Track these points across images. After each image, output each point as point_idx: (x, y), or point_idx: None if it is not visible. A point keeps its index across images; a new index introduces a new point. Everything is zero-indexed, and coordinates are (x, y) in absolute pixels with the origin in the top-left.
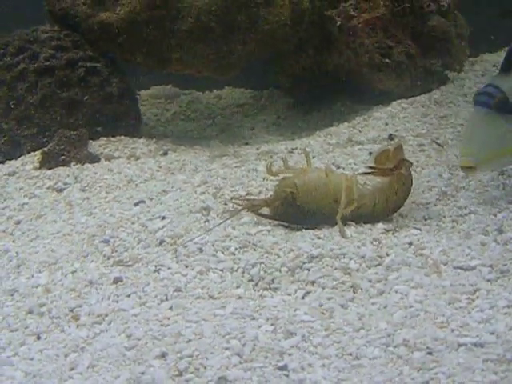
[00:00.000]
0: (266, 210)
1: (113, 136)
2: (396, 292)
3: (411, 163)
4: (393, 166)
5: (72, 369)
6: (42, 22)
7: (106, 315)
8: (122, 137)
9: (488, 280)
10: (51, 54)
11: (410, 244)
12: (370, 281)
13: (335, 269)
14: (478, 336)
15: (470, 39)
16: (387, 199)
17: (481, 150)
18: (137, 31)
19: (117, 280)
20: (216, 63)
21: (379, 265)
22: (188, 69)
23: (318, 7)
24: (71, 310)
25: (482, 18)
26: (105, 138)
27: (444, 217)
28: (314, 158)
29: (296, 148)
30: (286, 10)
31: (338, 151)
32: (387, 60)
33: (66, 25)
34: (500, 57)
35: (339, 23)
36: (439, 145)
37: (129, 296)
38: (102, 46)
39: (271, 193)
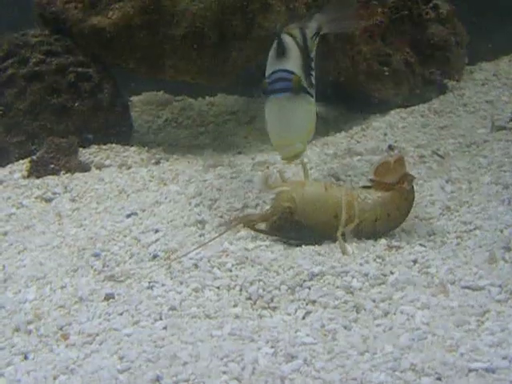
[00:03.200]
0: (263, 225)
1: (104, 144)
2: (402, 313)
3: (414, 177)
4: (395, 181)
5: None
6: (32, 25)
7: (97, 335)
8: (114, 145)
9: (498, 301)
10: (41, 59)
11: (415, 262)
12: (374, 300)
13: (337, 287)
14: (489, 361)
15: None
16: (389, 214)
17: (299, 135)
18: (129, 36)
19: (108, 297)
20: (211, 70)
21: (383, 283)
22: (182, 76)
23: (314, 13)
24: (60, 329)
25: (479, 26)
26: (95, 146)
27: (448, 232)
28: (311, 169)
29: None
30: (283, 16)
31: (336, 162)
32: (385, 68)
33: (56, 29)
34: (498, 65)
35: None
36: (440, 156)
37: (121, 314)
38: (93, 51)
39: (268, 207)
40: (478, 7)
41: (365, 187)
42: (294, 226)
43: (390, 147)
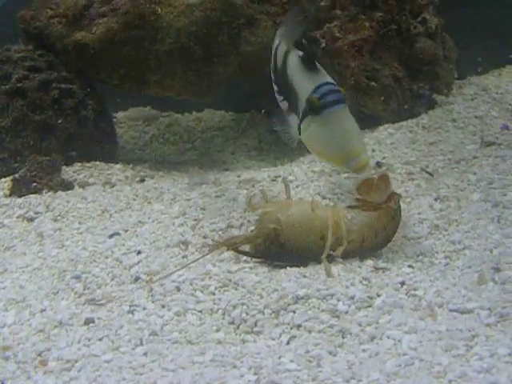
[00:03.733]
0: (247, 247)
1: (88, 161)
2: (388, 337)
3: (400, 196)
4: (382, 200)
5: None
6: (16, 40)
7: (76, 361)
8: (98, 162)
9: (487, 324)
10: (24, 74)
11: (402, 283)
12: (360, 324)
13: (322, 311)
14: None
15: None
16: (376, 234)
17: (363, 143)
18: (114, 52)
19: (88, 321)
20: (196, 86)
21: (369, 306)
22: (167, 91)
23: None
24: (39, 354)
25: (468, 40)
26: (79, 164)
27: (437, 252)
28: (297, 187)
29: (279, 176)
30: (269, 31)
31: (324, 180)
32: (373, 83)
33: (40, 44)
34: (488, 79)
35: (324, 45)
36: (429, 173)
37: (101, 339)
38: (77, 66)
39: (253, 227)
40: (466, 21)
41: (351, 207)
42: (279, 247)
43: (378, 164)
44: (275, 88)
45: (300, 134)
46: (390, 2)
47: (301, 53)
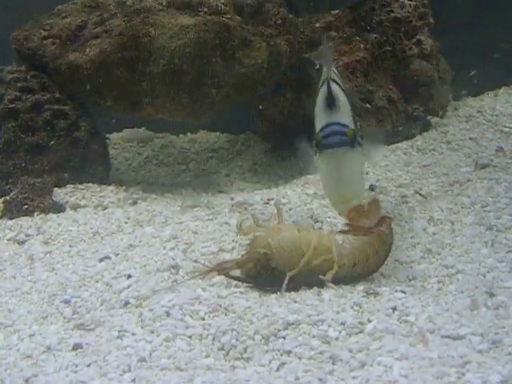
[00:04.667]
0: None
1: (80, 183)
2: (379, 364)
3: (391, 219)
4: (373, 224)
5: None
6: (9, 61)
7: None
8: (90, 184)
9: (479, 351)
10: (16, 95)
11: (394, 309)
12: (351, 351)
13: (313, 337)
14: None
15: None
16: (367, 259)
17: (356, 191)
18: (107, 73)
19: (76, 346)
20: (189, 108)
21: (360, 332)
22: (160, 113)
23: (296, 50)
24: (26, 381)
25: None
26: (71, 186)
27: (429, 277)
28: (290, 210)
29: (272, 199)
30: (263, 52)
31: (317, 203)
32: (368, 105)
33: (33, 65)
34: (483, 101)
35: (318, 66)
36: (423, 196)
37: (89, 365)
38: (70, 87)
39: (243, 252)
40: (461, 42)
41: (342, 232)
42: (270, 272)
43: (371, 187)
44: None
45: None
46: (385, 24)
47: (328, 86)
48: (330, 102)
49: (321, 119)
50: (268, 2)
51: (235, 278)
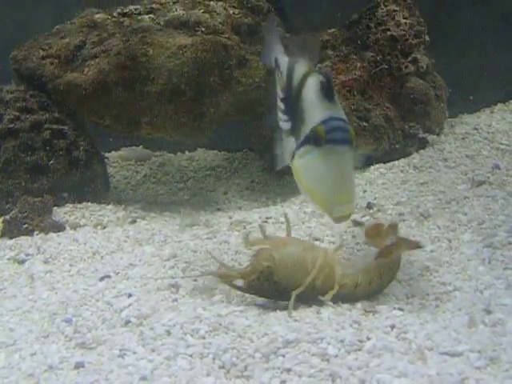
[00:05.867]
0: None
1: (79, 202)
2: (378, 381)
3: (418, 244)
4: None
5: None
6: (8, 81)
7: None
8: (89, 203)
9: (477, 368)
10: (16, 115)
11: (393, 327)
12: (350, 368)
13: (313, 355)
14: None
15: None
16: (370, 282)
17: (354, 192)
18: (105, 93)
19: (78, 365)
20: (187, 127)
21: (359, 350)
22: (158, 132)
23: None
24: None
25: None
26: (71, 205)
27: (427, 294)
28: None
29: (270, 217)
30: (261, 71)
31: (315, 221)
32: (365, 123)
33: (32, 85)
34: (479, 118)
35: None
36: (421, 214)
37: None
38: (69, 107)
39: (247, 263)
40: (457, 60)
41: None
42: (272, 286)
43: (369, 205)
44: (281, 106)
45: (291, 159)
46: (381, 42)
47: (322, 78)
48: (330, 94)
49: (316, 112)
50: (265, 21)
51: (237, 288)
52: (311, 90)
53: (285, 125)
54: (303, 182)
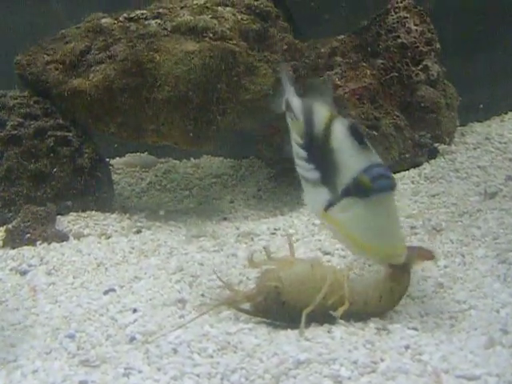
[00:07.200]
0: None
1: (83, 211)
2: None
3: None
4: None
5: None
6: (12, 86)
7: None
8: (93, 212)
9: None
10: (19, 122)
11: (407, 347)
12: None
13: (324, 376)
14: None
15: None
16: (380, 298)
17: (404, 236)
18: (111, 99)
19: None
20: (194, 134)
21: (373, 372)
22: (164, 140)
23: (302, 76)
24: None
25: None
26: (74, 214)
27: (442, 313)
28: (297, 241)
29: (279, 228)
30: (269, 78)
31: (325, 234)
32: (374, 132)
33: (36, 90)
34: (490, 127)
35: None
36: (433, 228)
37: None
38: (73, 114)
39: (253, 285)
40: (467, 68)
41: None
42: (280, 307)
43: None
44: (301, 153)
45: (325, 210)
46: (392, 50)
47: (347, 122)
48: (362, 138)
49: (353, 160)
50: (273, 27)
51: (245, 312)
52: (340, 136)
53: (311, 174)
54: (352, 237)
